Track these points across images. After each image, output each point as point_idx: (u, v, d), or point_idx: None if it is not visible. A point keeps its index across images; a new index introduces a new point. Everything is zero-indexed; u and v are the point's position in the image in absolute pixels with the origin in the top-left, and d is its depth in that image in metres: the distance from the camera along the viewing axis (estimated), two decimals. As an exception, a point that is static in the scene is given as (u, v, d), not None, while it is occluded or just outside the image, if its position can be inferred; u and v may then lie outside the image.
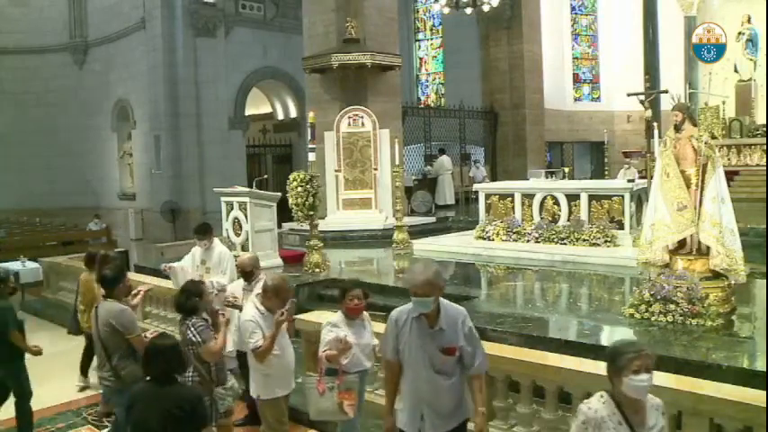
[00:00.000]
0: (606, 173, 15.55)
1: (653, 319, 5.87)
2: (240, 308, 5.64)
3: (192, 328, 4.61)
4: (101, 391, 6.45)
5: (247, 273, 5.78)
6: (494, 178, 18.43)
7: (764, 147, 15.47)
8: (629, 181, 10.46)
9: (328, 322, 4.59)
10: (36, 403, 6.45)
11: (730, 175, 11.64)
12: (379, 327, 6.04)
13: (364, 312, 4.71)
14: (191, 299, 4.71)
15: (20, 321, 5.93)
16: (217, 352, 4.67)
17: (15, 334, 5.72)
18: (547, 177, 11.79)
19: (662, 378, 4.33)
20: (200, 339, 4.55)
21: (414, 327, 3.59)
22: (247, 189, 9.89)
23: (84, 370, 7.37)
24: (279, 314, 4.49)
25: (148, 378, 3.71)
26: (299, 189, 9.11)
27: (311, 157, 9.46)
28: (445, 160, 17.97)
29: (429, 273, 3.51)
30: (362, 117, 12.92)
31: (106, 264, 6.67)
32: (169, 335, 4.79)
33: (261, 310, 4.59)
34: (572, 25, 23.05)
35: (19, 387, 5.78)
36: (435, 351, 3.56)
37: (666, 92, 7.36)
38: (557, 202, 10.00)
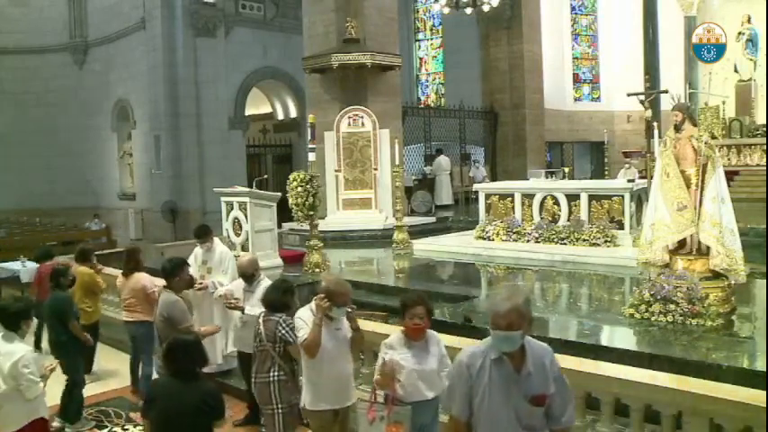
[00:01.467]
0: (606, 173, 15.55)
1: (653, 319, 5.87)
2: (242, 309, 5.64)
3: (284, 325, 4.49)
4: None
5: (248, 275, 5.78)
6: (494, 178, 18.42)
7: (764, 147, 15.47)
8: (629, 181, 10.46)
9: (384, 342, 4.07)
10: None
11: (730, 175, 11.63)
12: (381, 327, 6.06)
13: (429, 332, 4.06)
14: (285, 295, 4.65)
15: (76, 312, 6.38)
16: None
17: (74, 324, 6.18)
18: (547, 177, 11.80)
19: (662, 378, 4.34)
20: (292, 337, 4.41)
21: (493, 373, 2.86)
22: (247, 189, 9.88)
23: (88, 367, 7.43)
24: (318, 298, 4.16)
25: (171, 373, 3.71)
26: (299, 189, 9.12)
27: (311, 157, 9.47)
28: (442, 161, 17.96)
29: (517, 300, 2.91)
30: (362, 117, 12.92)
31: (131, 257, 7.06)
32: (191, 330, 4.86)
33: (313, 310, 4.25)
34: (572, 25, 23.04)
35: (75, 373, 6.09)
36: (522, 402, 2.87)
37: (666, 92, 7.36)
38: (557, 202, 10.01)
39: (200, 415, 3.58)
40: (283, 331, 4.47)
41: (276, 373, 4.52)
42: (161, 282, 6.82)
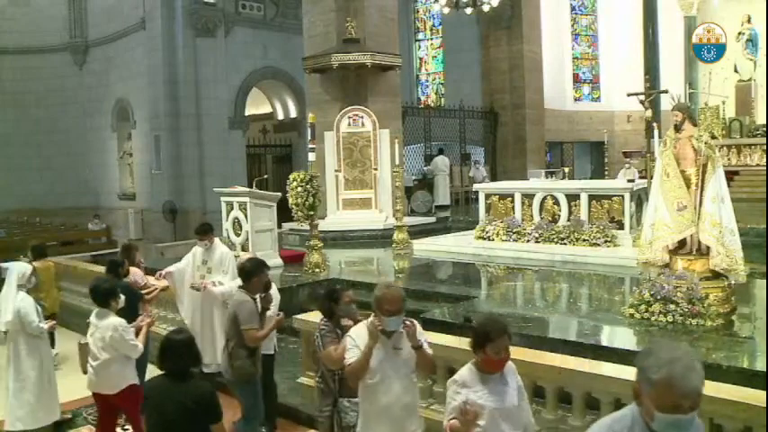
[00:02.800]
0: (606, 173, 15.55)
1: (653, 319, 5.87)
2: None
3: (317, 332, 4.39)
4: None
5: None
6: (494, 178, 18.42)
7: (764, 147, 15.46)
8: (629, 181, 10.46)
9: (454, 380, 3.37)
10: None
11: (730, 175, 11.64)
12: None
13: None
14: (327, 301, 4.49)
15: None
16: (332, 359, 4.14)
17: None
18: (547, 177, 11.81)
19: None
20: (320, 345, 4.29)
21: None
22: (247, 189, 9.89)
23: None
24: (371, 323, 3.56)
25: (164, 372, 3.70)
26: (299, 189, 9.12)
27: (311, 157, 9.47)
28: (440, 161, 17.95)
29: (700, 371, 2.04)
30: (362, 117, 12.92)
31: (124, 253, 7.21)
32: (184, 329, 4.83)
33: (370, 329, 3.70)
34: (572, 25, 23.04)
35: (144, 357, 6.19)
36: None
37: (666, 92, 7.36)
38: (557, 202, 10.00)
39: (194, 416, 3.54)
40: (317, 337, 4.40)
41: (318, 379, 4.51)
42: (156, 282, 6.86)
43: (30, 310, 5.88)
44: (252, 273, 5.11)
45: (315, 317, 6.07)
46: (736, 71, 17.31)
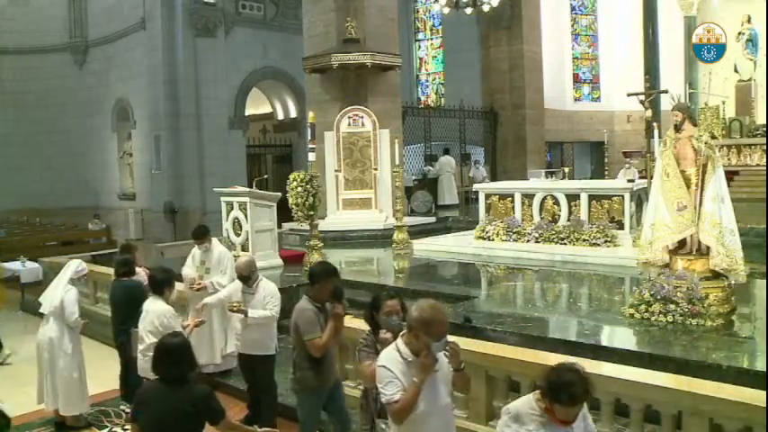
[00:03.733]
0: (606, 173, 15.55)
1: (653, 319, 5.87)
2: (245, 312, 5.57)
3: (358, 344, 4.18)
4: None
5: (245, 277, 5.76)
6: (494, 178, 18.41)
7: (764, 147, 15.46)
8: (629, 181, 10.46)
9: (507, 410, 3.06)
10: (34, 404, 6.46)
11: (730, 175, 11.64)
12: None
13: None
14: (368, 310, 4.21)
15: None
16: (365, 376, 4.01)
17: None
18: (547, 177, 11.80)
19: (662, 378, 4.34)
20: (358, 357, 4.13)
21: None
22: (247, 189, 9.89)
23: None
24: (424, 355, 3.15)
25: (159, 377, 3.63)
26: (299, 189, 9.12)
27: (311, 157, 9.47)
28: (446, 161, 17.96)
29: None
30: (362, 117, 12.92)
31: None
32: (180, 332, 4.74)
33: (404, 353, 3.24)
34: (572, 25, 23.03)
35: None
36: None
37: (666, 92, 7.37)
38: (557, 202, 10.00)
39: (194, 420, 3.51)
40: (357, 350, 4.21)
41: (361, 393, 4.44)
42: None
43: (73, 302, 6.26)
44: (318, 278, 4.74)
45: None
46: (736, 71, 17.30)
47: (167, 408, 3.51)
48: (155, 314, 5.38)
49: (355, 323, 5.43)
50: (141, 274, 6.94)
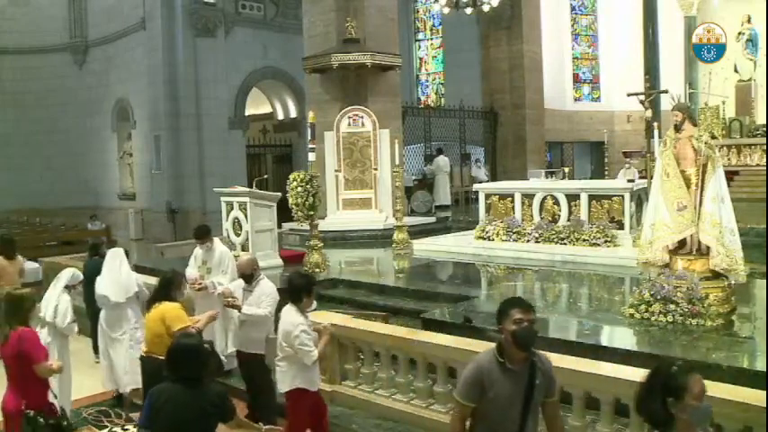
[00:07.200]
0: (606, 173, 15.54)
1: (653, 319, 5.86)
2: (239, 308, 5.64)
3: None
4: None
5: (247, 275, 5.78)
6: (494, 178, 18.42)
7: (764, 147, 15.46)
8: (629, 181, 10.46)
9: None
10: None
11: (730, 175, 11.63)
12: (381, 327, 6.07)
13: None
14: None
15: None
16: None
17: None
18: (547, 177, 11.79)
19: (662, 378, 4.33)
20: None
21: None
22: (247, 189, 9.88)
23: None
24: None
25: (174, 378, 3.58)
26: (299, 189, 9.11)
27: (311, 157, 9.46)
28: (441, 161, 17.95)
29: None
30: (362, 117, 12.91)
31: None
32: (192, 332, 4.73)
33: None
34: (572, 25, 23.03)
35: None
36: None
37: (666, 92, 7.36)
38: (557, 202, 10.00)
39: (210, 418, 3.54)
40: None
41: None
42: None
43: (65, 309, 6.21)
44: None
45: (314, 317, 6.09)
46: (736, 71, 17.29)
47: (188, 409, 3.50)
48: (289, 327, 4.87)
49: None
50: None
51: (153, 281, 8.80)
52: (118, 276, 6.84)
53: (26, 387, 4.61)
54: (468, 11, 16.17)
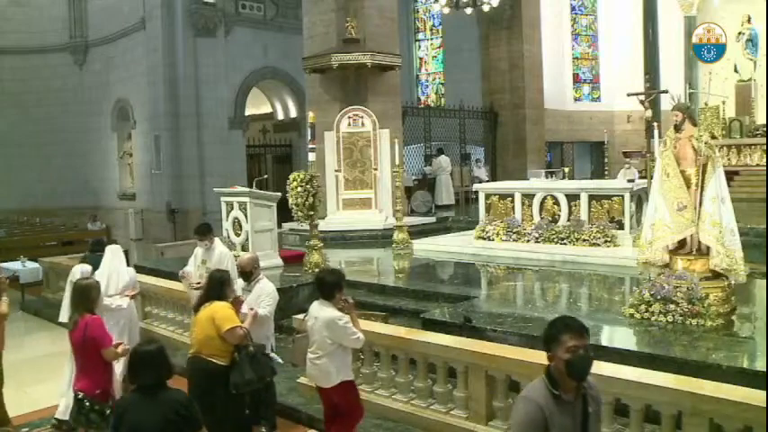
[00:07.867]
0: (606, 173, 15.54)
1: (653, 319, 5.87)
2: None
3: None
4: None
5: (247, 273, 5.78)
6: (494, 178, 18.42)
7: (764, 147, 15.47)
8: (629, 181, 10.46)
9: None
10: (33, 404, 6.48)
11: (730, 175, 11.64)
12: (381, 327, 6.07)
13: None
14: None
15: None
16: None
17: None
18: (547, 177, 11.78)
19: (662, 378, 4.34)
20: None
21: None
22: (247, 189, 9.89)
23: None
24: None
25: (136, 388, 3.52)
26: (299, 189, 9.11)
27: (311, 157, 9.46)
28: (442, 160, 17.95)
29: None
30: (362, 117, 12.92)
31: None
32: (154, 339, 4.72)
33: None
34: (572, 25, 23.03)
35: None
36: None
37: (666, 92, 7.37)
38: (557, 202, 9.99)
39: (174, 426, 3.43)
40: None
41: None
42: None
43: None
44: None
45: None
46: (736, 71, 17.32)
47: (150, 417, 3.42)
48: (323, 322, 4.79)
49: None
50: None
51: (153, 281, 8.86)
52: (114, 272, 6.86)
53: (92, 371, 4.88)
54: (468, 11, 16.18)
